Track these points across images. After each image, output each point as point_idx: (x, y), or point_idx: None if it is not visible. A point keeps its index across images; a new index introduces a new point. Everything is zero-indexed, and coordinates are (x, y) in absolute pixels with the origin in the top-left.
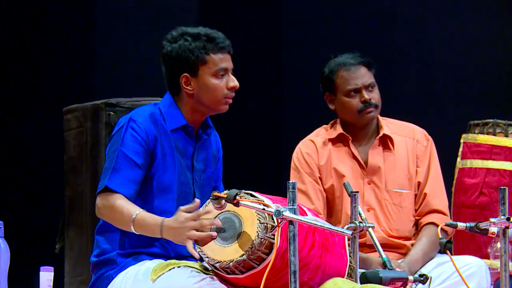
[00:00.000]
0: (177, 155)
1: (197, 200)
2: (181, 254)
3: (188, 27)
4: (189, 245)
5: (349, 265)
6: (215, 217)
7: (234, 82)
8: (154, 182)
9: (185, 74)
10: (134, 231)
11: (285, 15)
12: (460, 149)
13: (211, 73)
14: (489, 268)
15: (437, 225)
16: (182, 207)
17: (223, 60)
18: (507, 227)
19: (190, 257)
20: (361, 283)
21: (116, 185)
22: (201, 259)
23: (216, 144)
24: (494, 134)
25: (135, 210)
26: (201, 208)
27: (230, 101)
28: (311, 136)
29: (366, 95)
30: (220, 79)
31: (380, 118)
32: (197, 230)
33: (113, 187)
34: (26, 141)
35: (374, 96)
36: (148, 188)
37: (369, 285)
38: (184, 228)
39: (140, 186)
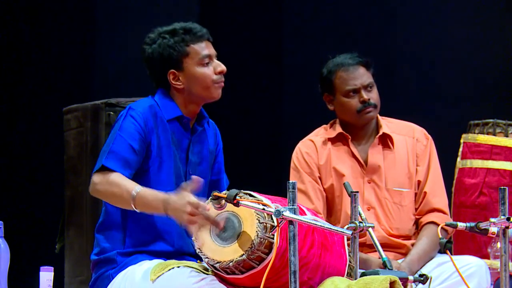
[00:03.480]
0: (173, 148)
1: (195, 177)
2: (181, 248)
3: (162, 26)
4: (190, 229)
5: (349, 265)
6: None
7: (220, 66)
8: (151, 174)
9: (172, 70)
10: (135, 209)
11: (285, 15)
12: (460, 149)
13: (196, 62)
14: (489, 268)
15: (437, 225)
16: (184, 184)
17: (204, 48)
18: (507, 227)
19: (189, 255)
20: None
21: (114, 165)
22: (198, 257)
23: (215, 137)
24: (494, 134)
25: (134, 187)
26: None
27: (222, 85)
28: (310, 136)
29: (365, 95)
30: (206, 67)
31: (379, 117)
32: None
33: (111, 166)
34: (26, 141)
35: (373, 96)
36: (146, 181)
37: (365, 277)
38: (184, 212)
39: (138, 179)
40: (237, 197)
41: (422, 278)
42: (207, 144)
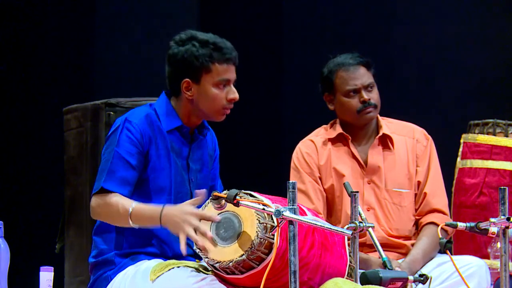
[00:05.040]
0: (172, 156)
1: (202, 191)
2: (178, 253)
3: (198, 31)
4: (182, 239)
5: (349, 265)
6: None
7: (234, 94)
8: (150, 183)
9: (187, 79)
10: (132, 225)
11: (285, 15)
12: (460, 149)
13: (213, 82)
14: (489, 268)
15: (437, 225)
16: (189, 201)
17: (227, 71)
18: (507, 227)
19: (188, 257)
20: (361, 283)
21: (112, 186)
22: (198, 257)
23: (213, 143)
24: (494, 134)
25: (130, 204)
26: (202, 207)
27: (228, 112)
28: (311, 136)
29: (365, 95)
30: (221, 90)
31: (379, 117)
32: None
33: (109, 187)
34: (26, 141)
35: (373, 96)
36: (145, 190)
37: (370, 286)
38: (184, 221)
39: (137, 188)
40: (237, 197)
41: (422, 278)
42: (207, 150)
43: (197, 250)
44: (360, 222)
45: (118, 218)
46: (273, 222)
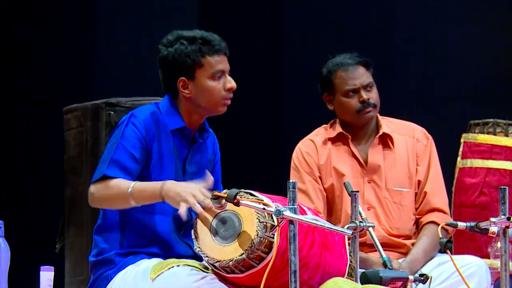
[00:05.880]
0: (174, 156)
1: (211, 177)
2: (179, 254)
3: (183, 30)
4: (183, 206)
5: (349, 265)
6: (214, 217)
7: (231, 83)
8: (152, 181)
9: (182, 78)
10: (133, 204)
11: (285, 15)
12: (460, 149)
13: (208, 75)
14: (489, 267)
15: (438, 224)
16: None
17: (220, 62)
18: (507, 227)
19: (188, 257)
20: (361, 283)
21: (115, 172)
22: (199, 259)
23: (213, 147)
24: (494, 134)
25: (130, 183)
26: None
27: (229, 102)
28: (310, 135)
29: (364, 95)
30: (217, 81)
31: (379, 117)
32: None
33: (111, 174)
34: (26, 141)
35: (373, 95)
36: None
37: (370, 285)
38: (189, 193)
39: None
40: (237, 197)
41: (422, 278)
42: (206, 154)
43: (197, 250)
44: (361, 221)
45: (118, 199)
46: (273, 221)
